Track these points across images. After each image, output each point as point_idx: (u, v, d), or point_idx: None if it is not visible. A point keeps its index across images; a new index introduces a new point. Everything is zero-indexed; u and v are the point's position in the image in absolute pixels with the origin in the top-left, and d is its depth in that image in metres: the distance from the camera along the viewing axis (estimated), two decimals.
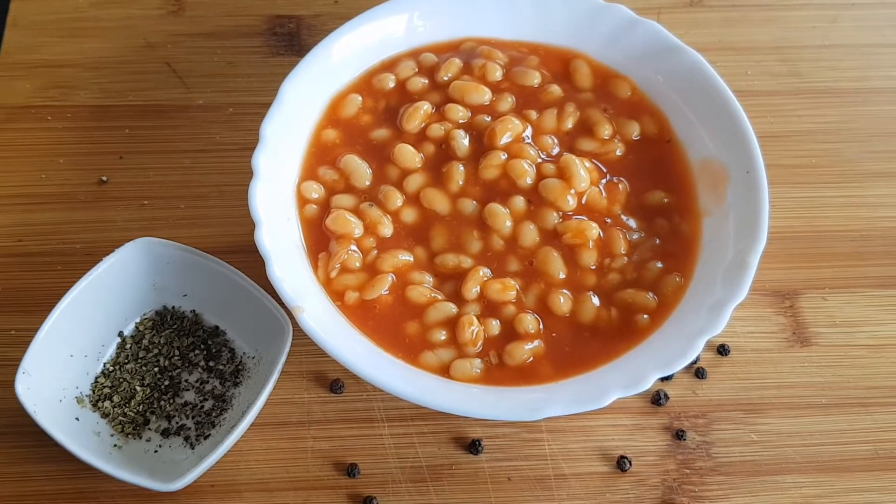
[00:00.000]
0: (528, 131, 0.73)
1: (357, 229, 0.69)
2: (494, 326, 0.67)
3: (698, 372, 0.72)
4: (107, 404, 0.68)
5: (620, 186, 0.72)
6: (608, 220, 0.71)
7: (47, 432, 0.64)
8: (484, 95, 0.74)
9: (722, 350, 0.73)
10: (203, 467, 0.63)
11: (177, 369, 0.70)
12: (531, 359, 0.66)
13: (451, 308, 0.68)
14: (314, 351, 0.69)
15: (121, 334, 0.71)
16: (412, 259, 0.69)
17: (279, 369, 0.66)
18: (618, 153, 0.74)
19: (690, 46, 0.75)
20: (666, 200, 0.72)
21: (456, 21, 0.78)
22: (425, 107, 0.74)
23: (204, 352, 0.71)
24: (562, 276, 0.69)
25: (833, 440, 0.70)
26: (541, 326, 0.67)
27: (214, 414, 0.69)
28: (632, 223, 0.71)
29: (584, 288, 0.69)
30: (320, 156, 0.73)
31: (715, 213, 0.71)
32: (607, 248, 0.70)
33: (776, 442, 0.70)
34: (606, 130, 0.74)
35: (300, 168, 0.73)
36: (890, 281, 0.77)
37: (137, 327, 0.71)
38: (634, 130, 0.75)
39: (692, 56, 0.75)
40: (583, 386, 0.64)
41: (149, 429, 0.68)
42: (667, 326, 0.67)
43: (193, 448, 0.67)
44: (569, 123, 0.74)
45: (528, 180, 0.71)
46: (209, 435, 0.68)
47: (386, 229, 0.70)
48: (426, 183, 0.72)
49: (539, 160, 0.72)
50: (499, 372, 0.66)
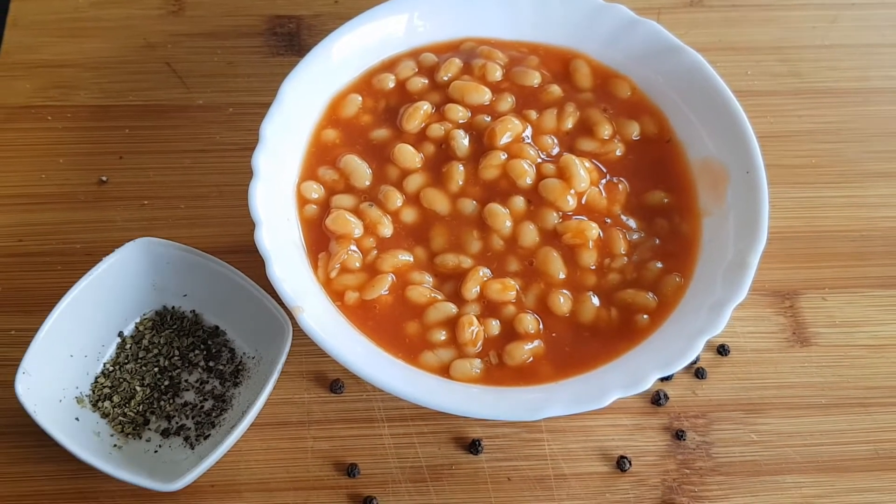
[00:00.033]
0: (528, 131, 0.73)
1: (357, 229, 0.69)
2: (494, 326, 0.67)
3: (698, 372, 0.72)
4: (107, 404, 0.68)
5: (620, 186, 0.72)
6: (608, 221, 0.71)
7: (47, 432, 0.64)
8: (484, 95, 0.74)
9: (722, 350, 0.73)
10: (203, 467, 0.63)
11: (177, 369, 0.70)
12: (531, 359, 0.66)
13: (451, 308, 0.67)
14: (314, 351, 0.69)
15: (121, 334, 0.71)
16: (412, 259, 0.69)
17: (279, 369, 0.66)
18: (618, 153, 0.74)
19: (690, 46, 0.75)
20: (666, 200, 0.72)
21: (456, 21, 0.78)
22: (425, 107, 0.74)
23: (204, 352, 0.71)
24: (562, 276, 0.69)
25: (833, 440, 0.70)
26: (541, 326, 0.67)
27: (214, 414, 0.69)
28: (632, 223, 0.71)
29: (584, 288, 0.69)
30: (320, 156, 0.73)
31: (715, 213, 0.71)
32: (607, 248, 0.70)
33: (776, 442, 0.70)
34: (606, 130, 0.74)
35: (300, 168, 0.73)
36: (890, 281, 0.77)
37: (137, 327, 0.71)
38: (634, 130, 0.75)
39: (692, 56, 0.75)
40: (583, 386, 0.64)
41: (149, 429, 0.68)
42: (667, 326, 0.67)
43: (193, 448, 0.67)
44: (569, 123, 0.74)
45: (528, 180, 0.71)
46: (209, 435, 0.68)
47: (386, 229, 0.70)
48: (426, 183, 0.72)
49: (539, 160, 0.72)
50: (499, 372, 0.66)
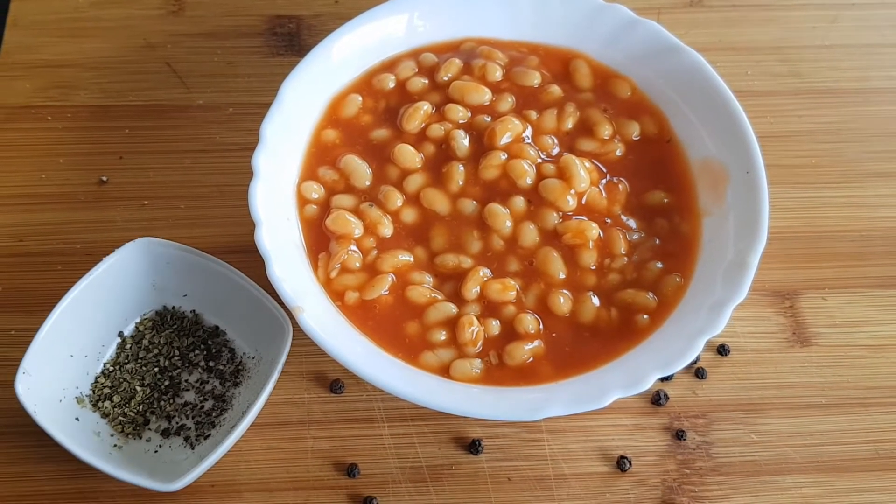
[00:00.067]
0: (528, 131, 0.73)
1: (357, 229, 0.69)
2: (494, 326, 0.67)
3: (698, 372, 0.72)
4: (107, 404, 0.68)
5: (620, 186, 0.72)
6: (608, 221, 0.71)
7: (47, 432, 0.64)
8: (484, 95, 0.74)
9: (722, 350, 0.73)
10: (203, 467, 0.63)
11: (177, 369, 0.70)
12: (531, 359, 0.66)
13: (451, 308, 0.67)
14: (314, 351, 0.69)
15: (121, 334, 0.71)
16: (412, 259, 0.69)
17: (279, 369, 0.66)
18: (618, 153, 0.74)
19: (690, 46, 0.75)
20: (666, 200, 0.72)
21: (456, 21, 0.78)
22: (425, 107, 0.74)
23: (204, 352, 0.71)
24: (562, 277, 0.69)
25: (833, 440, 0.70)
26: (541, 326, 0.67)
27: (214, 414, 0.69)
28: (632, 223, 0.71)
29: (584, 288, 0.69)
30: (320, 156, 0.73)
31: (715, 213, 0.71)
32: (607, 249, 0.70)
33: (776, 442, 0.70)
34: (606, 130, 0.74)
35: (300, 168, 0.73)
36: (890, 281, 0.76)
37: (137, 327, 0.71)
38: (634, 130, 0.75)
39: (692, 56, 0.75)
40: (583, 386, 0.64)
41: (149, 429, 0.68)
42: (667, 326, 0.67)
43: (193, 448, 0.67)
44: (569, 123, 0.74)
45: (528, 180, 0.71)
46: (209, 435, 0.68)
47: (386, 229, 0.70)
48: (426, 183, 0.72)
49: (539, 160, 0.72)
50: (499, 372, 0.66)
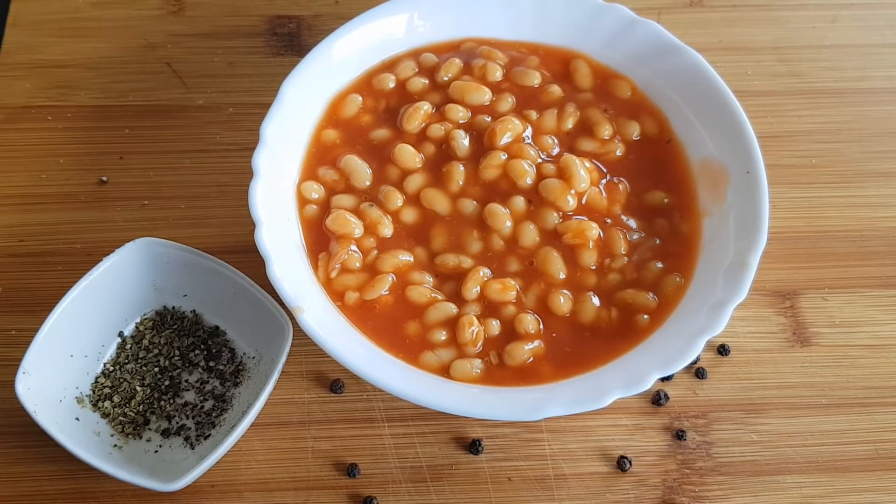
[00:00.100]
0: (529, 131, 0.73)
1: (357, 229, 0.69)
2: (494, 326, 0.67)
3: (698, 372, 0.72)
4: (107, 404, 0.68)
5: (620, 186, 0.72)
6: (608, 221, 0.71)
7: (47, 432, 0.64)
8: (484, 95, 0.74)
9: (722, 350, 0.73)
10: (203, 467, 0.63)
11: (177, 369, 0.70)
12: (531, 359, 0.66)
13: (452, 308, 0.67)
14: (314, 351, 0.69)
15: (121, 334, 0.71)
16: (412, 259, 0.69)
17: (279, 369, 0.66)
18: (618, 153, 0.74)
19: (690, 46, 0.75)
20: (666, 200, 0.72)
21: (456, 21, 0.78)
22: (425, 107, 0.74)
23: (204, 352, 0.71)
24: (562, 277, 0.69)
25: (833, 440, 0.70)
26: (541, 326, 0.67)
27: (214, 414, 0.69)
28: (632, 223, 0.71)
29: (585, 288, 0.69)
30: (320, 156, 0.73)
31: (715, 213, 0.71)
32: (607, 249, 0.70)
33: (776, 442, 0.70)
34: (606, 130, 0.74)
35: (300, 168, 0.73)
36: (890, 281, 0.77)
37: (137, 327, 0.71)
38: (634, 130, 0.75)
39: (692, 56, 0.75)
40: (583, 386, 0.64)
41: (149, 429, 0.68)
42: (667, 326, 0.67)
43: (193, 448, 0.67)
44: (569, 123, 0.74)
45: (529, 180, 0.71)
46: (209, 435, 0.68)
47: (386, 229, 0.70)
48: (426, 183, 0.72)
49: (539, 160, 0.72)
50: (499, 372, 0.66)
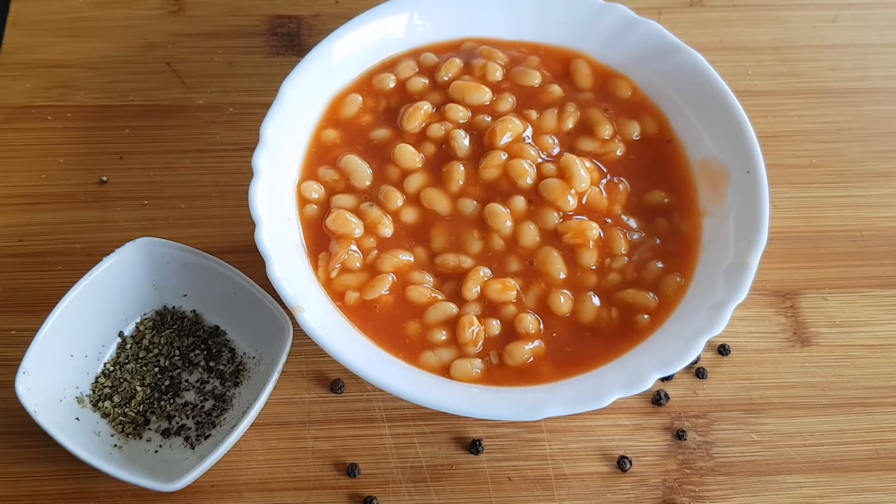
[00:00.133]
0: (529, 131, 0.73)
1: (357, 229, 0.69)
2: (495, 326, 0.67)
3: (699, 372, 0.72)
4: (107, 404, 0.68)
5: (621, 186, 0.72)
6: (608, 220, 0.71)
7: (47, 432, 0.64)
8: (484, 95, 0.74)
9: (722, 350, 0.73)
10: (203, 467, 0.63)
11: (177, 369, 0.70)
12: (531, 359, 0.66)
13: (452, 308, 0.67)
14: (314, 351, 0.69)
15: (121, 334, 0.71)
16: (412, 259, 0.69)
17: (279, 369, 0.66)
18: (618, 153, 0.74)
19: (690, 46, 0.75)
20: (666, 200, 0.72)
21: (456, 21, 0.78)
22: (425, 107, 0.74)
23: (204, 352, 0.71)
24: (562, 276, 0.69)
25: (833, 440, 0.70)
26: (541, 326, 0.67)
27: (215, 414, 0.69)
28: (632, 223, 0.71)
29: (585, 288, 0.69)
30: (320, 156, 0.73)
31: (715, 213, 0.71)
32: (607, 248, 0.70)
33: (776, 442, 0.70)
34: (607, 130, 0.74)
35: (300, 168, 0.73)
36: (890, 281, 0.77)
37: (138, 327, 0.71)
38: (635, 130, 0.75)
39: (692, 56, 0.75)
40: (583, 386, 0.64)
41: (149, 429, 0.68)
42: (667, 326, 0.67)
43: (193, 448, 0.67)
44: (569, 123, 0.74)
45: (529, 180, 0.71)
46: (209, 435, 0.68)
47: (386, 229, 0.70)
48: (426, 183, 0.72)
49: (539, 160, 0.72)
50: (499, 372, 0.66)
